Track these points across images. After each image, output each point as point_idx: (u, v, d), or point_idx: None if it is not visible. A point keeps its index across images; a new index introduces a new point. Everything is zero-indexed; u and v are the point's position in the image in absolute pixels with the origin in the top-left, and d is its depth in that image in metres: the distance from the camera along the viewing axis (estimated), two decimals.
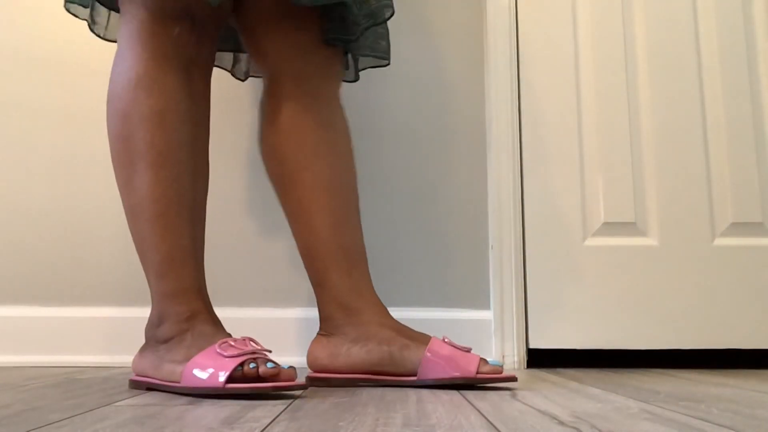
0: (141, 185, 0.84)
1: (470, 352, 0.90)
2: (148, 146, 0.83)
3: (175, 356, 0.80)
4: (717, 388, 0.88)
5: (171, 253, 0.85)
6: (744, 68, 1.33)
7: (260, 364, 0.74)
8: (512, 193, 1.29)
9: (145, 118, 0.83)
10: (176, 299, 0.85)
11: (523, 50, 1.34)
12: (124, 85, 0.84)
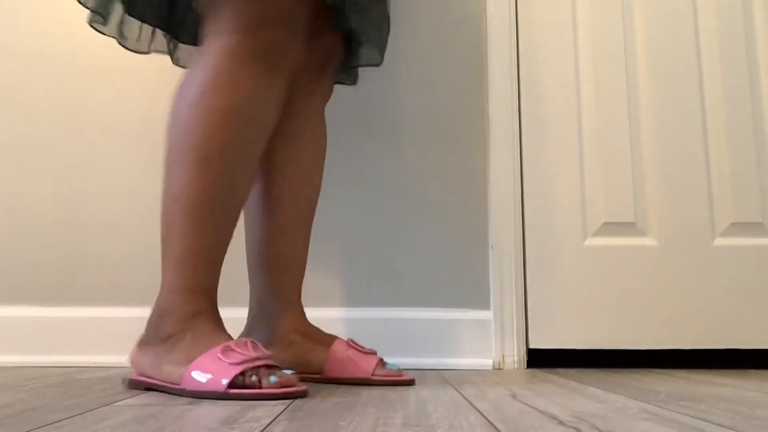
0: (184, 177, 0.84)
1: (374, 354, 0.96)
2: (204, 141, 0.83)
3: (175, 357, 0.80)
4: (717, 388, 0.88)
5: (193, 248, 0.84)
6: (744, 68, 1.33)
7: (262, 377, 0.74)
8: (512, 193, 1.28)
9: (208, 113, 0.83)
10: (184, 296, 0.84)
11: (523, 50, 1.34)
12: (199, 80, 0.84)
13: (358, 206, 1.30)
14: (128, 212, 1.30)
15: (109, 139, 1.32)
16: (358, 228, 1.29)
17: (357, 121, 1.33)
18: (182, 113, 0.85)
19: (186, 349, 0.80)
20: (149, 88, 1.34)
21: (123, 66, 1.35)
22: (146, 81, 1.34)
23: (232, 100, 0.83)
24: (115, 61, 1.35)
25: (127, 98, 1.34)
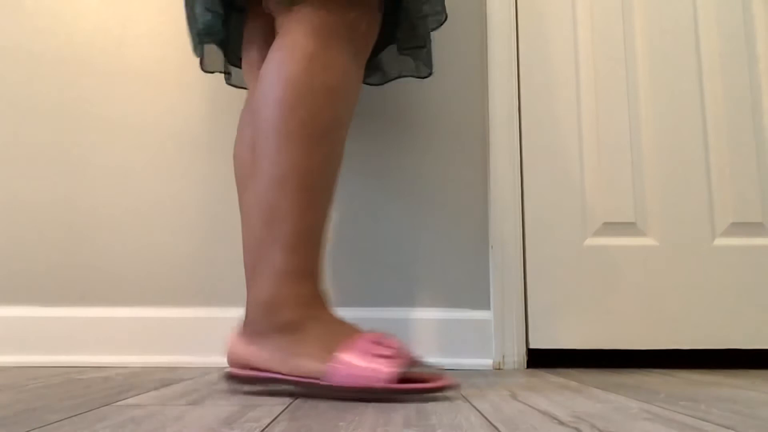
0: (294, 156, 0.80)
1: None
2: (313, 118, 0.81)
3: (308, 349, 0.76)
4: (717, 388, 0.88)
5: (307, 229, 0.81)
6: (744, 68, 1.33)
7: (415, 372, 0.74)
8: (512, 193, 1.29)
9: (315, 90, 0.81)
10: (299, 280, 0.80)
11: (523, 50, 1.34)
12: (298, 57, 0.82)
13: (358, 206, 1.30)
14: (128, 212, 1.30)
15: (109, 140, 1.33)
16: (358, 228, 1.29)
17: (356, 122, 1.33)
18: (281, 91, 0.81)
19: (319, 341, 0.76)
20: (149, 88, 1.34)
21: (123, 66, 1.35)
22: (146, 81, 1.34)
23: (335, 79, 0.82)
24: (115, 61, 1.35)
25: (127, 98, 1.34)
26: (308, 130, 0.80)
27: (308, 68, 0.81)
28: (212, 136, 1.33)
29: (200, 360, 1.23)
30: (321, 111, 0.81)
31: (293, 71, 0.81)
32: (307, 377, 0.75)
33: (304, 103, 0.80)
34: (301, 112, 0.80)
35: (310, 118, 0.80)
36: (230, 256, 1.29)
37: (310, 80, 0.81)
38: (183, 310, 1.26)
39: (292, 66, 0.81)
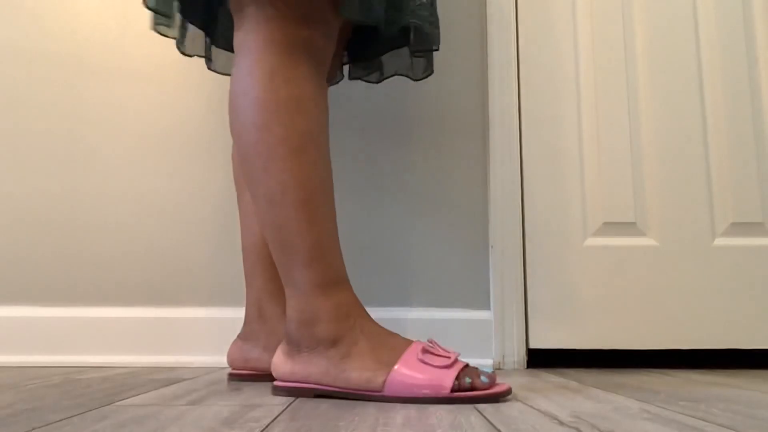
0: (282, 171, 0.80)
1: None
2: (289, 131, 0.80)
3: (360, 362, 0.76)
4: (717, 388, 0.88)
5: (320, 239, 0.80)
6: (744, 68, 1.33)
7: (473, 377, 0.74)
8: (512, 193, 1.29)
9: (282, 105, 0.80)
10: (329, 291, 0.79)
11: (523, 50, 1.34)
12: (258, 77, 0.81)
13: (357, 206, 1.30)
14: (128, 212, 1.30)
15: (109, 139, 1.32)
16: (358, 228, 1.29)
17: (356, 122, 1.33)
18: (252, 110, 0.81)
19: (369, 353, 0.77)
20: (149, 88, 1.34)
21: (123, 66, 1.35)
22: (146, 81, 1.34)
23: (299, 89, 0.81)
24: (115, 61, 1.35)
25: (127, 98, 1.34)
26: (288, 143, 0.80)
27: (271, 85, 0.80)
28: (212, 135, 1.33)
29: (200, 360, 1.23)
30: (295, 123, 0.80)
31: (258, 91, 0.80)
32: (364, 389, 0.75)
33: (277, 120, 0.80)
34: (276, 129, 0.80)
35: (286, 132, 0.80)
36: (230, 256, 1.29)
37: (275, 96, 0.80)
38: (183, 310, 1.26)
39: (256, 86, 0.80)
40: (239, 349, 1.00)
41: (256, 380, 0.97)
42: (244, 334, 1.01)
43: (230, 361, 1.00)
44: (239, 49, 0.84)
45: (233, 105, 0.83)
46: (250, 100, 0.81)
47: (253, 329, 1.00)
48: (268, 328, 0.98)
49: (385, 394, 0.73)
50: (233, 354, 1.00)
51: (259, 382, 0.96)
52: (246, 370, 0.98)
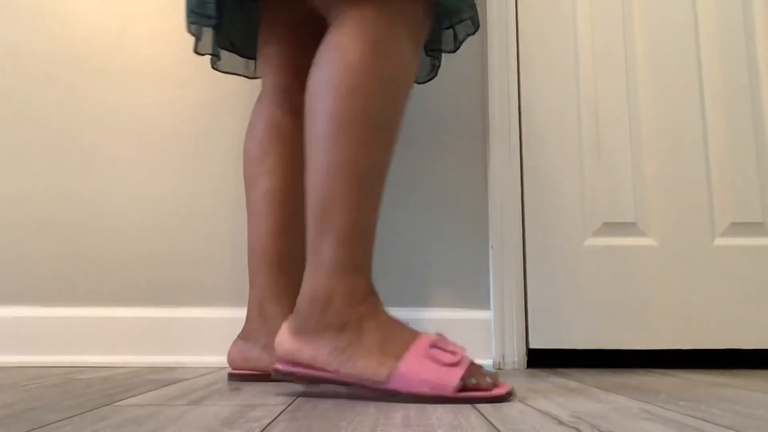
0: (352, 144, 0.78)
1: None
2: (374, 107, 0.79)
3: (367, 352, 0.74)
4: (717, 388, 0.88)
5: (360, 221, 0.78)
6: (744, 68, 1.33)
7: (478, 378, 0.73)
8: (512, 193, 1.29)
9: (377, 80, 0.79)
10: (352, 274, 0.77)
11: (523, 50, 1.34)
12: (358, 47, 0.78)
13: None
14: (128, 212, 1.30)
15: (109, 139, 1.32)
16: None
17: None
18: (341, 78, 0.78)
19: (378, 343, 0.74)
20: (149, 88, 1.34)
21: (123, 66, 1.35)
22: (146, 81, 1.34)
23: (396, 68, 0.80)
24: (115, 60, 1.35)
25: (127, 98, 1.34)
26: (368, 119, 0.78)
27: (370, 56, 0.78)
28: (212, 135, 1.33)
29: (200, 360, 1.23)
30: (381, 100, 0.78)
31: (354, 59, 0.78)
32: (369, 380, 0.73)
33: (365, 92, 0.77)
34: (361, 101, 0.77)
35: (371, 107, 0.78)
36: (230, 256, 1.29)
37: (371, 68, 0.78)
38: (183, 310, 1.26)
39: (353, 54, 0.78)
40: (239, 348, 1.00)
41: (256, 380, 0.97)
42: (244, 333, 1.01)
43: (230, 360, 1.00)
44: (339, 18, 0.81)
45: (322, 67, 0.79)
46: (345, 64, 0.78)
47: (253, 328, 0.99)
48: (269, 328, 0.98)
49: (389, 387, 0.72)
50: (233, 353, 1.00)
51: (258, 382, 0.96)
52: (245, 370, 0.98)
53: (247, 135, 1.03)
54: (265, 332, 0.98)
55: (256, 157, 1.00)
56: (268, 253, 0.99)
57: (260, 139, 1.00)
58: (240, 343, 1.00)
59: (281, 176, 0.99)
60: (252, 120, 1.03)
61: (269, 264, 0.99)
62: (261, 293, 0.99)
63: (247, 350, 0.98)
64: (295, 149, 1.01)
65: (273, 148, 1.00)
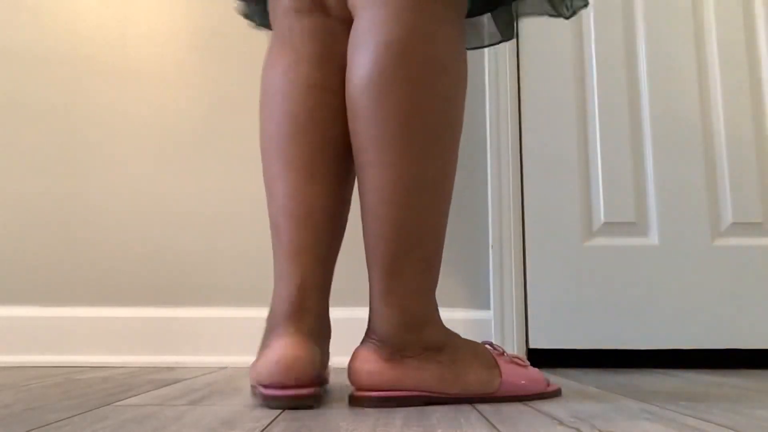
0: (447, 152, 0.75)
1: None
2: (459, 117, 0.78)
3: (471, 367, 0.73)
4: (717, 388, 0.88)
5: (442, 238, 0.75)
6: (744, 68, 1.33)
7: None
8: (512, 193, 1.29)
9: (464, 83, 0.77)
10: (434, 293, 0.75)
11: (523, 49, 1.34)
12: (450, 36, 0.74)
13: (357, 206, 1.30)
14: (128, 212, 1.30)
15: (109, 139, 1.32)
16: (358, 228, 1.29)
17: None
18: (429, 68, 0.71)
19: (474, 357, 0.74)
20: (149, 88, 1.34)
21: (123, 66, 1.35)
22: (146, 81, 1.34)
23: (464, 57, 0.76)
24: (115, 60, 1.35)
25: (127, 97, 1.34)
26: (455, 121, 0.75)
27: (455, 40, 0.74)
28: (212, 135, 1.33)
29: (200, 360, 1.23)
30: (461, 97, 0.75)
31: (443, 44, 0.72)
32: (483, 394, 0.73)
33: (452, 87, 0.73)
34: (451, 98, 0.73)
35: (454, 106, 0.74)
36: (230, 256, 1.29)
37: (455, 53, 0.74)
38: (183, 310, 1.26)
39: (440, 39, 0.72)
40: (310, 351, 0.69)
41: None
42: (305, 329, 0.71)
43: (301, 373, 0.67)
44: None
45: (393, 57, 0.70)
46: (433, 51, 0.72)
47: (306, 322, 0.72)
48: (317, 327, 0.75)
49: (497, 395, 0.74)
50: (307, 364, 0.68)
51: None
52: (316, 386, 0.70)
53: (266, 115, 0.80)
54: (319, 332, 0.76)
55: (277, 135, 0.77)
56: (315, 219, 0.77)
57: (283, 118, 0.77)
58: (310, 345, 0.70)
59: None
60: (270, 91, 0.80)
61: (316, 236, 0.77)
62: (302, 280, 0.74)
63: (318, 354, 0.71)
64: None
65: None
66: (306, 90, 0.77)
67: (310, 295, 0.74)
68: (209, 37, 1.35)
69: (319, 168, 0.77)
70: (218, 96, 1.34)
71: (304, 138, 0.76)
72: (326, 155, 0.77)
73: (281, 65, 0.80)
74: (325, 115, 0.77)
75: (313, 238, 0.76)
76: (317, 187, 0.76)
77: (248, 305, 1.27)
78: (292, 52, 0.80)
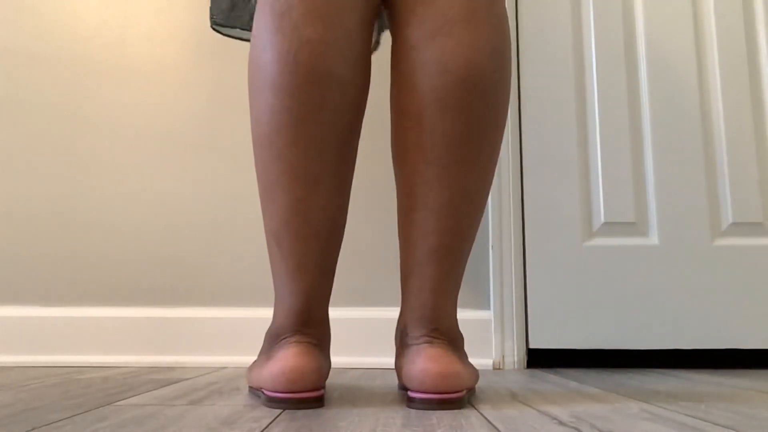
0: (493, 165, 0.77)
1: None
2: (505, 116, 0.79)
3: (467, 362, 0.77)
4: (717, 388, 0.88)
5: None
6: (744, 68, 1.33)
7: None
8: (512, 193, 1.29)
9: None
10: None
11: (522, 50, 1.34)
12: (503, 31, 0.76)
13: (358, 206, 1.30)
14: (128, 212, 1.30)
15: (109, 139, 1.33)
16: (358, 227, 1.29)
17: None
18: (497, 68, 0.73)
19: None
20: (149, 88, 1.34)
21: (123, 66, 1.35)
22: (146, 81, 1.34)
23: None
24: (116, 61, 1.35)
25: (127, 98, 1.34)
26: (502, 127, 0.76)
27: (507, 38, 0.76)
28: (212, 135, 1.33)
29: (200, 360, 1.23)
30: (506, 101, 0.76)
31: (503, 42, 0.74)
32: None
33: (506, 91, 0.74)
34: (504, 102, 0.74)
35: (503, 111, 0.75)
36: (230, 256, 1.29)
37: (507, 54, 0.76)
38: (183, 310, 1.26)
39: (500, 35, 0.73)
40: (317, 360, 0.68)
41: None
42: (311, 338, 0.71)
43: (308, 383, 0.67)
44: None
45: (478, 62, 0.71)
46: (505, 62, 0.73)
47: (312, 332, 0.71)
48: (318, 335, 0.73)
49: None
50: (314, 372, 0.67)
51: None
52: (319, 390, 0.69)
53: (262, 105, 0.73)
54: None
55: (277, 125, 0.71)
56: (319, 232, 0.72)
57: (280, 107, 0.70)
58: (315, 352, 0.69)
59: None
60: (260, 77, 0.73)
61: (320, 248, 0.73)
62: (307, 293, 0.72)
63: (323, 359, 0.70)
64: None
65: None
66: (307, 84, 0.69)
67: (315, 305, 0.72)
68: (209, 37, 1.35)
69: (322, 175, 0.71)
70: (218, 96, 1.34)
71: (305, 142, 0.70)
72: (329, 160, 0.71)
73: (275, 49, 0.70)
74: (329, 115, 0.71)
75: (317, 252, 0.72)
76: (321, 199, 0.71)
77: (248, 305, 1.27)
78: (290, 33, 0.70)
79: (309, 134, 0.70)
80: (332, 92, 0.70)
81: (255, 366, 0.76)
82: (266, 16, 0.72)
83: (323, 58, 0.69)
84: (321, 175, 0.71)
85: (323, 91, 0.70)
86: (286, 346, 0.68)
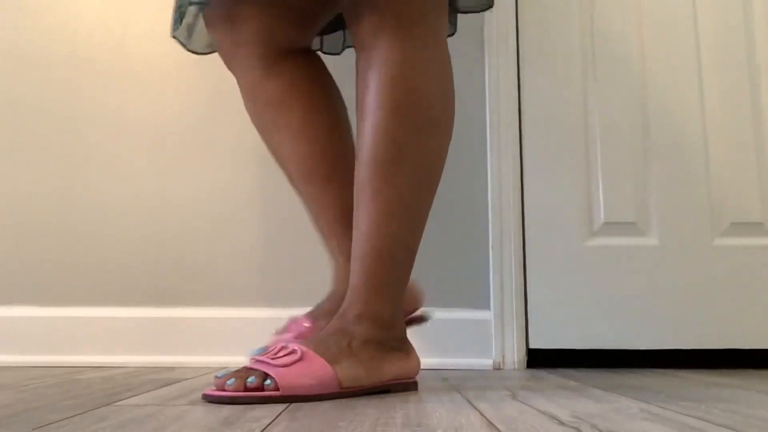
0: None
1: None
2: None
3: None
4: (717, 388, 0.88)
5: None
6: (744, 68, 1.33)
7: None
8: (512, 193, 1.29)
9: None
10: None
11: (523, 49, 1.34)
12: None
13: None
14: (128, 212, 1.30)
15: (110, 139, 1.32)
16: None
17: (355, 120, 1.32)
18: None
19: None
20: (149, 88, 1.34)
21: (123, 66, 1.35)
22: (146, 81, 1.34)
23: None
24: (116, 60, 1.35)
25: (127, 98, 1.34)
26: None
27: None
28: (212, 135, 1.33)
29: (200, 360, 1.23)
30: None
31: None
32: None
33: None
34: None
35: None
36: (230, 256, 1.29)
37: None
38: (183, 310, 1.26)
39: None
40: None
41: None
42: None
43: None
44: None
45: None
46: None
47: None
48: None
49: None
50: None
51: None
52: None
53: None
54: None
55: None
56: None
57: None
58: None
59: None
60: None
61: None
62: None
63: None
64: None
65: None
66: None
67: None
68: None
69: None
70: (218, 96, 1.34)
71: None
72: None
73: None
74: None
75: None
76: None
77: (248, 305, 1.27)
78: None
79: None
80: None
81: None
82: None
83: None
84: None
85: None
86: None
